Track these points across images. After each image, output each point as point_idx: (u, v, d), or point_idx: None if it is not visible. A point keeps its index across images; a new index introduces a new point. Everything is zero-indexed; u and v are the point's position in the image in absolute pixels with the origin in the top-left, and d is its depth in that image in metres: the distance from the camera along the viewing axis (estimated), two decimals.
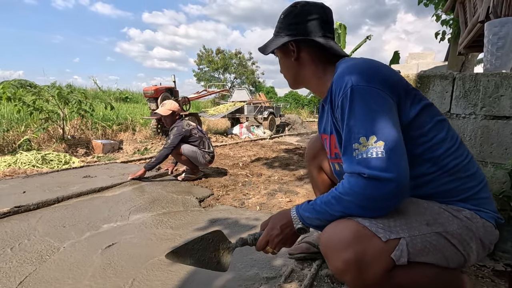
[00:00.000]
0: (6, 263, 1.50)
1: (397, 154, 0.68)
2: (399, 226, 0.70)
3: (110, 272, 1.43)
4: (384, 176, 0.65)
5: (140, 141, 6.12)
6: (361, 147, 0.69)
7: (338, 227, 0.71)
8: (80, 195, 2.40)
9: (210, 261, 0.84)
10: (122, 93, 13.91)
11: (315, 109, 18.83)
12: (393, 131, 0.69)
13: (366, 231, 0.68)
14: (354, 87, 0.72)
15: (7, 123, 5.54)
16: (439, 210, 0.76)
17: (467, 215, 0.75)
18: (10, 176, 3.22)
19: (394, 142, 0.68)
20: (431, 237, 0.71)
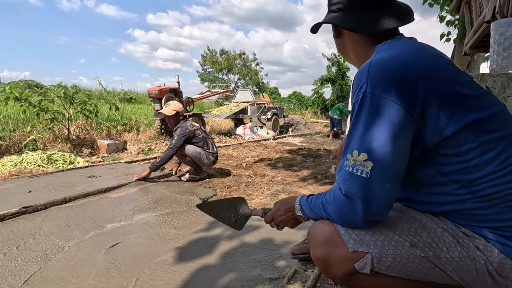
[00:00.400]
0: (11, 262, 1.51)
1: (383, 179, 0.64)
2: (373, 241, 0.70)
3: (114, 272, 1.44)
4: (359, 198, 0.66)
5: (144, 141, 6.16)
6: (351, 159, 0.67)
7: (318, 227, 0.78)
8: (87, 195, 2.42)
9: (229, 219, 1.01)
10: (127, 94, 14.00)
11: (318, 110, 18.77)
12: (389, 155, 0.63)
13: (338, 238, 0.73)
14: (367, 94, 0.66)
15: (13, 123, 5.61)
16: (442, 233, 0.69)
17: (480, 246, 0.66)
18: (16, 176, 3.26)
19: (384, 167, 0.64)
20: (409, 259, 0.68)
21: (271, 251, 1.65)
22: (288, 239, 1.81)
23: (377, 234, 0.71)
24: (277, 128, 9.27)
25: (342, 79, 16.73)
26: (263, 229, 1.95)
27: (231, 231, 1.91)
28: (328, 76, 17.27)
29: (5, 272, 1.42)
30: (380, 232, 0.71)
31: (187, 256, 1.59)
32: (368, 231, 0.72)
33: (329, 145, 6.87)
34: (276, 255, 1.61)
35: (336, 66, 16.76)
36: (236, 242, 1.76)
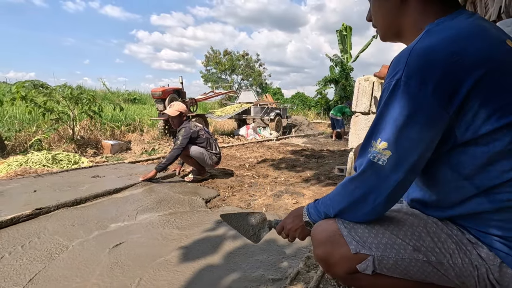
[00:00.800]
0: (17, 261, 1.53)
1: (398, 170, 0.63)
2: (375, 244, 0.69)
3: (118, 271, 1.45)
4: (372, 185, 0.67)
5: (148, 141, 6.19)
6: (374, 146, 0.66)
7: (321, 227, 0.77)
8: (97, 196, 2.43)
9: (248, 231, 1.04)
10: (131, 94, 14.09)
11: (322, 110, 18.72)
12: (409, 148, 0.62)
13: (340, 238, 0.72)
14: (401, 82, 0.61)
15: (19, 123, 5.67)
16: (446, 239, 0.68)
17: (482, 254, 0.66)
18: (22, 176, 3.29)
19: (401, 158, 0.63)
20: (411, 262, 0.68)
21: (274, 252, 1.65)
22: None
23: (380, 237, 0.70)
24: (280, 129, 9.26)
25: (345, 79, 16.67)
26: None
27: (233, 232, 1.91)
28: (332, 77, 17.21)
29: (10, 270, 1.44)
30: (383, 235, 0.70)
31: (190, 256, 1.60)
32: (371, 233, 0.71)
33: (332, 146, 6.85)
34: (279, 256, 1.61)
35: (340, 66, 16.69)
36: (239, 243, 1.76)
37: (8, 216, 1.76)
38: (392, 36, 0.81)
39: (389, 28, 0.79)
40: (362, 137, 2.04)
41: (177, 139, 3.03)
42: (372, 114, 1.97)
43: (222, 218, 1.07)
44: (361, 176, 0.68)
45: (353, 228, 0.72)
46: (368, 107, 1.97)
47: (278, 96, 23.91)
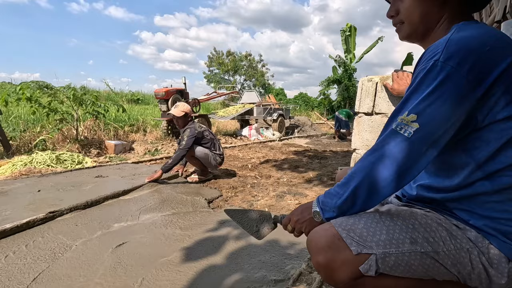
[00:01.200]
0: (21, 260, 1.54)
1: (423, 143, 0.65)
2: (375, 242, 0.70)
3: (120, 271, 1.45)
4: (395, 156, 0.66)
5: (151, 142, 6.21)
6: (399, 119, 0.68)
7: (318, 233, 0.76)
8: (107, 198, 2.43)
9: (251, 227, 1.04)
10: (134, 95, 14.17)
11: (325, 111, 18.67)
12: (438, 123, 0.64)
13: (340, 242, 0.71)
14: (439, 62, 0.65)
15: (24, 123, 5.72)
16: (437, 228, 0.71)
17: (471, 237, 0.70)
18: (26, 175, 3.32)
19: (429, 132, 0.65)
20: (411, 256, 0.69)
21: (277, 253, 1.65)
22: (293, 240, 1.80)
23: (378, 234, 0.71)
24: (283, 129, 9.25)
25: (348, 80, 16.62)
26: None
27: (236, 232, 1.91)
28: (335, 77, 17.17)
29: (15, 269, 1.45)
30: (381, 232, 0.71)
31: (193, 257, 1.60)
32: (370, 231, 0.72)
33: (335, 147, 6.83)
34: (281, 257, 1.60)
35: (343, 67, 16.66)
36: (242, 243, 1.76)
37: (23, 220, 1.78)
38: (420, 34, 0.81)
39: (423, 25, 0.79)
40: (365, 138, 2.03)
41: (182, 140, 3.03)
42: (375, 114, 1.96)
43: (226, 212, 1.07)
44: (383, 147, 0.68)
45: (351, 229, 0.72)
46: (372, 108, 1.96)
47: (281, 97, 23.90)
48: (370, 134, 2.00)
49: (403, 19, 0.81)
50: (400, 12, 0.81)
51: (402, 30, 0.83)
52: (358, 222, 0.73)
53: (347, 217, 0.75)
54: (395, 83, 1.66)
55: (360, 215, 0.75)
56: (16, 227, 1.72)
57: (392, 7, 0.83)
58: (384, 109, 1.90)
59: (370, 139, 2.00)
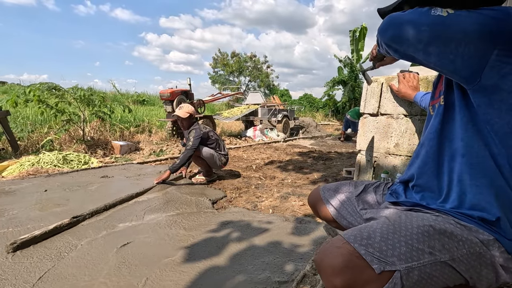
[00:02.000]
0: (27, 259, 1.56)
1: (437, 28, 0.66)
2: (397, 256, 0.65)
3: (125, 271, 1.46)
4: (412, 17, 0.69)
5: (156, 142, 6.25)
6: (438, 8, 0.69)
7: (332, 251, 0.68)
8: (122, 201, 2.43)
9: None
10: (140, 96, 14.27)
11: (330, 112, 18.59)
12: (459, 29, 0.64)
13: (360, 260, 0.64)
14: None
15: (31, 124, 5.80)
16: (452, 233, 0.68)
17: (484, 240, 0.68)
18: (33, 175, 3.37)
19: (449, 26, 0.65)
20: (432, 267, 0.65)
21: (280, 254, 1.64)
22: (297, 242, 1.79)
23: (398, 247, 0.66)
24: (287, 130, 9.23)
25: (354, 81, 16.53)
26: (272, 231, 1.94)
27: (240, 233, 1.91)
28: (340, 78, 17.09)
29: (21, 268, 1.47)
30: (400, 245, 0.66)
31: (196, 257, 1.60)
32: (389, 245, 0.66)
33: (340, 148, 6.79)
34: (285, 258, 1.60)
35: (349, 67, 16.57)
36: (245, 244, 1.76)
37: (50, 226, 1.82)
38: None
39: None
40: (370, 139, 2.02)
41: (188, 140, 3.04)
42: (380, 115, 1.94)
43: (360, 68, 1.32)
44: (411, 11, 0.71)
45: (369, 244, 0.66)
46: (377, 109, 1.95)
47: (286, 98, 23.87)
48: (375, 135, 1.98)
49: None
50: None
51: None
52: (374, 235, 0.68)
53: (359, 229, 0.70)
54: (401, 84, 1.63)
55: (372, 225, 0.71)
56: (44, 233, 1.75)
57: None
58: (389, 110, 1.88)
59: (375, 140, 1.98)
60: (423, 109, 1.47)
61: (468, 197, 0.73)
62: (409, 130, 1.83)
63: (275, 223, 2.09)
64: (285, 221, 2.13)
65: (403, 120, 1.85)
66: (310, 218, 2.22)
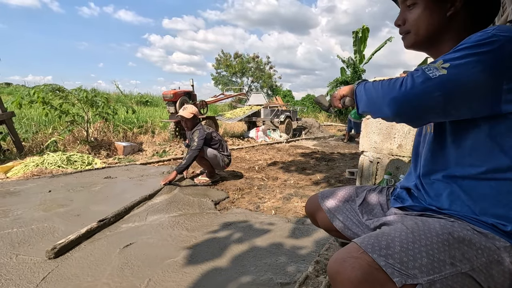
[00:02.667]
0: (31, 259, 1.57)
1: (440, 88, 0.64)
2: (418, 268, 0.62)
3: (127, 271, 1.47)
4: (412, 86, 0.66)
5: (159, 143, 6.27)
6: (432, 65, 0.67)
7: (348, 263, 0.63)
8: (139, 203, 2.44)
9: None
10: (143, 97, 14.35)
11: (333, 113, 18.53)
12: (467, 81, 0.63)
13: (380, 273, 0.61)
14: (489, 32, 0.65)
15: (36, 125, 5.86)
16: (470, 241, 0.65)
17: (501, 247, 0.65)
18: (38, 176, 3.39)
19: (450, 81, 0.64)
20: (453, 279, 0.62)
21: (283, 256, 1.64)
22: (299, 244, 1.79)
23: (419, 258, 0.63)
24: (290, 131, 9.22)
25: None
26: (274, 233, 1.94)
27: (242, 234, 1.91)
28: (343, 79, 17.04)
29: (25, 268, 1.48)
30: (421, 255, 0.63)
31: (199, 258, 1.60)
32: (409, 255, 0.63)
33: (343, 149, 6.76)
34: (287, 260, 1.59)
35: (352, 68, 16.52)
36: (247, 245, 1.76)
37: (83, 230, 1.83)
38: (426, 44, 0.83)
39: (429, 37, 0.81)
40: (373, 140, 2.01)
41: (192, 141, 3.04)
42: None
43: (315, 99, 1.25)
44: (405, 78, 0.69)
45: (389, 254, 0.63)
46: None
47: (288, 99, 23.83)
48: (378, 136, 1.97)
49: (409, 29, 0.82)
50: (407, 22, 0.82)
51: (407, 39, 0.84)
52: (393, 244, 0.64)
53: (376, 237, 0.67)
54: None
55: (390, 233, 0.68)
56: (78, 237, 1.76)
57: (400, 16, 0.84)
58: None
59: (378, 141, 1.98)
60: None
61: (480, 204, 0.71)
62: (413, 131, 1.82)
63: (278, 224, 2.08)
64: (287, 222, 2.13)
65: None
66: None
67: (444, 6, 0.76)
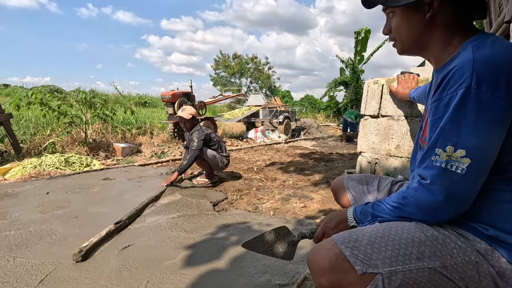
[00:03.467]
0: (29, 262, 1.56)
1: (478, 176, 0.65)
2: (381, 259, 0.67)
3: (125, 274, 1.46)
4: (451, 193, 0.66)
5: (158, 144, 6.26)
6: (443, 155, 0.66)
7: (320, 252, 0.71)
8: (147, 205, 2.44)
9: (277, 251, 0.98)
10: (142, 98, 14.34)
11: (331, 113, 18.56)
12: (488, 153, 0.64)
13: (345, 262, 0.67)
14: (472, 90, 0.62)
15: (34, 127, 5.84)
16: (444, 240, 0.69)
17: (481, 250, 0.68)
18: (36, 178, 3.38)
19: (482, 164, 0.64)
20: (418, 273, 0.66)
21: None
22: (298, 245, 1.78)
23: (384, 251, 0.68)
24: (289, 132, 9.23)
25: (356, 82, 16.50)
26: None
27: (240, 236, 1.91)
28: (342, 79, 17.07)
29: (22, 271, 1.47)
30: (386, 248, 0.68)
31: (197, 260, 1.60)
32: (374, 248, 0.68)
33: (342, 149, 6.77)
34: (285, 261, 1.59)
35: (351, 68, 16.54)
36: None
37: (103, 232, 1.82)
38: (414, 49, 0.83)
39: (414, 42, 0.81)
40: (371, 141, 2.01)
41: (192, 141, 3.04)
42: (381, 117, 1.94)
43: (245, 247, 1.01)
44: (440, 187, 0.67)
45: (355, 246, 0.68)
46: (378, 110, 1.94)
47: (287, 99, 23.87)
48: (376, 137, 1.98)
49: (395, 37, 0.83)
50: (392, 31, 0.83)
51: (396, 47, 0.85)
52: (361, 238, 0.70)
53: (350, 232, 0.72)
54: (399, 86, 1.63)
55: (364, 229, 0.73)
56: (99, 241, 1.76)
57: (386, 25, 0.85)
58: (390, 112, 1.88)
59: (376, 142, 1.98)
60: (420, 103, 1.47)
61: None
62: (410, 131, 1.82)
63: (276, 225, 2.08)
64: (286, 223, 2.13)
65: (404, 122, 1.84)
66: (311, 220, 2.22)
67: (422, 10, 0.75)
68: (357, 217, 0.83)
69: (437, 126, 0.68)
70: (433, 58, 0.82)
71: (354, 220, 0.83)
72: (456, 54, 0.73)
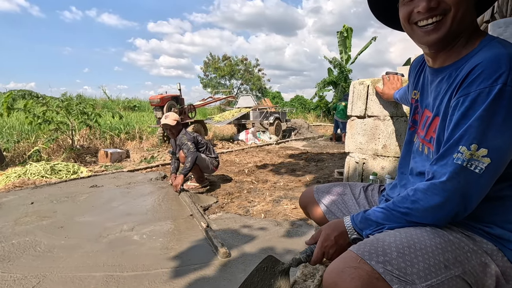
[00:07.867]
0: (11, 276, 1.51)
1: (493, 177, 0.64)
2: (416, 273, 0.60)
3: (112, 284, 1.43)
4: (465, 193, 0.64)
5: (147, 149, 6.18)
6: (466, 153, 0.63)
7: (347, 274, 0.61)
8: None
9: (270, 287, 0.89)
10: (130, 102, 14.15)
11: (321, 113, 18.70)
12: (508, 155, 0.63)
13: (379, 282, 0.59)
14: (507, 88, 0.59)
15: (18, 134, 5.68)
16: (459, 244, 0.66)
17: (488, 251, 0.67)
18: (20, 187, 3.28)
19: (499, 165, 0.63)
20: (449, 283, 0.61)
21: None
22: (289, 247, 1.78)
23: (416, 263, 0.62)
24: (279, 133, 9.25)
25: (344, 81, 16.69)
26: (262, 238, 1.93)
27: (231, 241, 1.89)
28: (330, 79, 17.23)
29: (4, 286, 1.42)
30: (417, 260, 0.62)
31: (186, 267, 1.57)
32: (406, 260, 0.62)
33: (332, 149, 6.83)
34: None
35: (338, 68, 16.72)
36: (236, 253, 1.74)
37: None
38: (457, 33, 0.71)
39: (463, 24, 0.70)
40: (358, 141, 2.03)
41: (185, 145, 3.02)
42: (368, 117, 1.95)
43: None
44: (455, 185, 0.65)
45: (386, 261, 0.61)
46: (364, 111, 1.96)
47: (278, 100, 23.94)
48: (363, 137, 1.99)
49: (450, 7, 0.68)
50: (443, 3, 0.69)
51: (441, 24, 0.70)
52: (389, 250, 0.62)
53: (371, 244, 0.65)
54: (385, 87, 1.65)
55: (384, 238, 0.66)
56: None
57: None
58: (376, 112, 1.89)
59: (364, 142, 2.00)
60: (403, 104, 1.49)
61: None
62: (396, 131, 1.84)
63: (267, 228, 2.07)
64: (277, 226, 2.12)
65: (389, 122, 1.86)
66: (302, 221, 2.22)
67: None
68: (356, 227, 0.77)
69: (462, 122, 0.64)
70: (445, 53, 0.75)
71: (354, 231, 0.77)
72: (473, 50, 0.69)
